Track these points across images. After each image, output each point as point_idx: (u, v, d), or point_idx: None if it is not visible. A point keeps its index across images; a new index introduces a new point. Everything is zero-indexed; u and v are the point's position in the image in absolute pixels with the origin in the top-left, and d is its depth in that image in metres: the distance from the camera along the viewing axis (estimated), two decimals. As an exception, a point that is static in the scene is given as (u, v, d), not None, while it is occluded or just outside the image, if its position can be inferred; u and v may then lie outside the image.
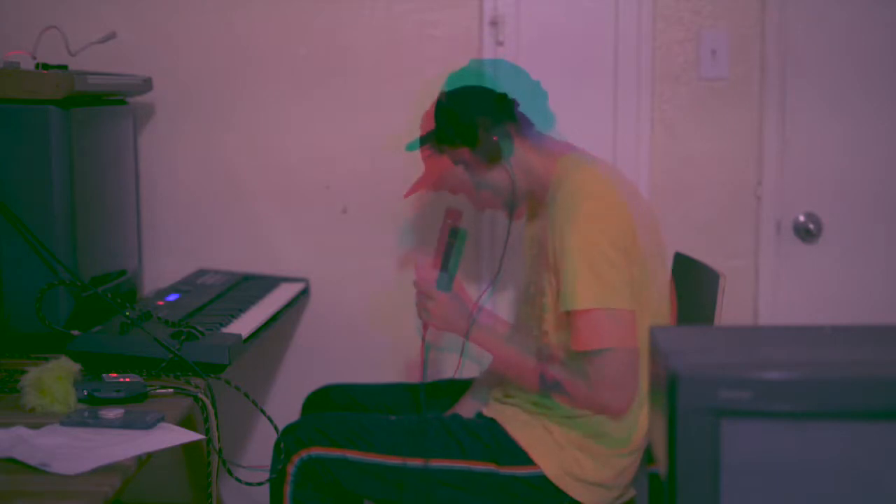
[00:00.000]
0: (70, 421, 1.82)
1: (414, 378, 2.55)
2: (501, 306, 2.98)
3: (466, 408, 2.51)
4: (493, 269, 2.94)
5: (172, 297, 2.63)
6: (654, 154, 3.00)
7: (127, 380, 2.00)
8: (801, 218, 3.02)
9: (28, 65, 2.41)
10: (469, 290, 2.64)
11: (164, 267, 3.03)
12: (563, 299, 2.20)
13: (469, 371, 2.57)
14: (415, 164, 2.51)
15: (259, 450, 3.00)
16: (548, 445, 2.29)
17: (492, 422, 2.35)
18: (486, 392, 2.51)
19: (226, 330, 2.38)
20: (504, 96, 2.37)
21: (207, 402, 2.02)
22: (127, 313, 2.27)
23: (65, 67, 2.47)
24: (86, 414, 1.84)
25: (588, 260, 2.18)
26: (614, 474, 2.31)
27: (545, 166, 2.36)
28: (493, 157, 2.34)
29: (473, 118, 2.34)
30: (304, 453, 2.30)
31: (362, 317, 3.07)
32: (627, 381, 2.20)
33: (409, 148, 2.47)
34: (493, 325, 2.37)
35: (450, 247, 2.35)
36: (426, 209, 2.99)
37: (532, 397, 2.33)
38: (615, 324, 2.17)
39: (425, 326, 2.36)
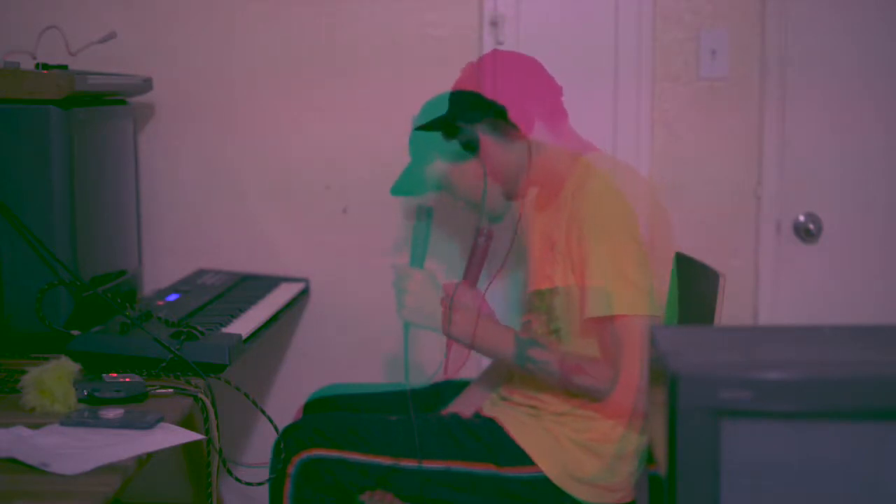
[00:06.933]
0: (70, 421, 1.82)
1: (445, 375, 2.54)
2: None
3: (467, 403, 2.51)
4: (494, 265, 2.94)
5: (172, 297, 2.63)
6: (654, 154, 3.00)
7: (127, 380, 2.00)
8: (801, 218, 3.02)
9: (28, 65, 2.41)
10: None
11: (164, 267, 3.03)
12: (596, 305, 2.20)
13: (465, 372, 2.57)
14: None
15: (259, 450, 3.00)
16: (548, 446, 2.29)
17: (491, 422, 2.35)
18: (489, 385, 2.52)
19: (226, 330, 2.38)
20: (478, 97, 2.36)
21: (207, 402, 2.02)
22: (127, 313, 2.27)
23: (65, 67, 2.47)
24: (86, 414, 1.84)
25: (619, 267, 2.18)
26: (615, 474, 2.31)
27: (562, 161, 2.35)
28: (507, 134, 2.34)
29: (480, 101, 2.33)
30: (304, 454, 2.30)
31: (362, 317, 3.07)
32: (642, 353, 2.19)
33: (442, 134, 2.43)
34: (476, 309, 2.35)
35: (420, 232, 2.36)
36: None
37: (530, 398, 2.34)
38: (643, 329, 2.18)
39: (449, 343, 2.36)
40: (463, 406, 2.50)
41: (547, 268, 2.33)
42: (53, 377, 1.90)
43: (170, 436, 1.80)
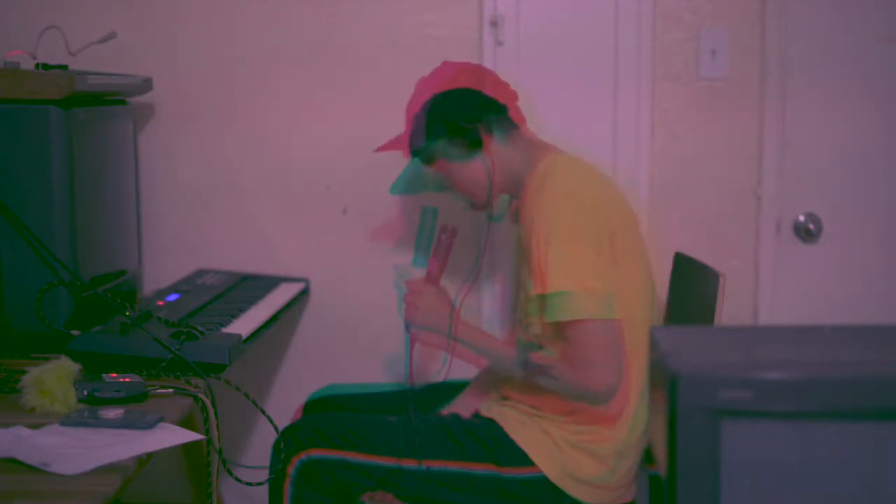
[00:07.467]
0: (70, 421, 1.82)
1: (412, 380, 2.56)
2: (483, 304, 3.00)
3: (465, 404, 2.51)
4: (471, 269, 2.94)
5: (172, 297, 2.63)
6: (654, 154, 3.00)
7: (127, 380, 2.00)
8: (801, 218, 3.02)
9: (28, 65, 2.41)
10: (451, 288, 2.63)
11: (164, 267, 3.03)
12: (550, 310, 2.20)
13: (463, 373, 2.57)
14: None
15: (259, 450, 2.99)
16: (547, 446, 2.29)
17: (491, 422, 2.35)
18: (488, 386, 2.52)
19: (226, 330, 2.38)
20: (478, 94, 2.38)
21: (207, 402, 2.02)
22: (127, 313, 2.27)
23: (65, 67, 2.47)
24: (86, 414, 1.84)
25: (573, 268, 2.18)
26: (615, 474, 2.31)
27: (527, 165, 2.36)
28: (470, 148, 2.36)
29: (450, 114, 2.37)
30: (303, 454, 2.30)
31: (362, 317, 3.07)
32: (609, 356, 2.19)
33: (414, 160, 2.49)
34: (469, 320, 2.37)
35: (424, 233, 2.38)
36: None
37: (529, 398, 2.33)
38: (603, 333, 2.18)
39: (412, 341, 2.38)
40: (462, 406, 2.50)
41: (524, 276, 2.33)
42: (53, 377, 1.90)
43: (170, 436, 1.80)
